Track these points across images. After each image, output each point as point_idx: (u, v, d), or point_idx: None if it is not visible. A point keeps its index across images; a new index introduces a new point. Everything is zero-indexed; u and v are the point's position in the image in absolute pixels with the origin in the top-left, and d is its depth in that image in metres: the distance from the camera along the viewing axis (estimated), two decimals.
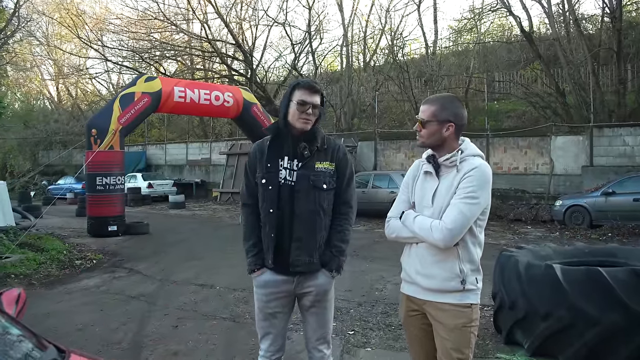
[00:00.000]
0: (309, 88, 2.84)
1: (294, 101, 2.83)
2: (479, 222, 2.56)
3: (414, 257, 2.65)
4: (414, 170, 2.79)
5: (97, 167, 13.35)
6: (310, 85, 2.86)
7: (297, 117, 2.83)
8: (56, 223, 16.77)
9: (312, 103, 2.82)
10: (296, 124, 2.84)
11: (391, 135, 21.50)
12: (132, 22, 26.34)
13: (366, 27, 28.16)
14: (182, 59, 29.32)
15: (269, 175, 2.87)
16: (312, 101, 2.82)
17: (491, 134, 18.40)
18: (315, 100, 2.84)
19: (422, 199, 2.64)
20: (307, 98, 2.82)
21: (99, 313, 6.24)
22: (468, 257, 2.55)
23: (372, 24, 29.12)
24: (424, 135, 2.63)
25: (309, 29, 26.18)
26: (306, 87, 2.84)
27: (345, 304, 6.48)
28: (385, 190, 16.20)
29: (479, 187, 2.48)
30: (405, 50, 27.14)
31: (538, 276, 4.40)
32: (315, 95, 2.84)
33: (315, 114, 2.85)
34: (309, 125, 2.84)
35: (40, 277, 8.41)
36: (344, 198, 2.95)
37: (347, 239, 2.95)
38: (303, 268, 2.85)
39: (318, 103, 2.86)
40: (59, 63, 39.69)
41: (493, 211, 15.95)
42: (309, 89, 2.84)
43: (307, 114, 2.82)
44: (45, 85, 45.11)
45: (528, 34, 19.22)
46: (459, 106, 2.65)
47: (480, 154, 2.63)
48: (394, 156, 20.98)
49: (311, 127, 2.86)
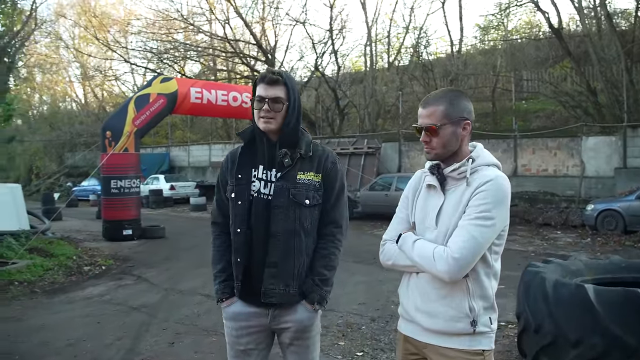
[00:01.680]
0: (266, 80, 2.37)
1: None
2: (495, 248, 2.06)
3: (413, 290, 2.16)
4: (415, 183, 2.29)
5: (111, 170, 13.10)
6: (267, 77, 2.37)
7: (257, 116, 2.38)
8: (74, 226, 16.66)
9: (269, 97, 2.34)
10: (259, 125, 2.39)
11: (415, 136, 20.82)
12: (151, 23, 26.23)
13: (390, 25, 27.58)
14: (205, 60, 29.16)
15: (238, 188, 2.43)
16: (269, 95, 2.34)
17: (519, 134, 17.71)
18: (274, 93, 2.35)
19: (424, 219, 2.15)
20: (264, 92, 2.35)
21: (95, 326, 5.88)
22: (480, 291, 2.05)
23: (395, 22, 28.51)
24: (437, 145, 2.10)
25: (330, 27, 25.71)
26: (263, 80, 2.38)
27: (358, 319, 6.02)
28: None
29: (494, 205, 1.98)
30: (430, 49, 26.56)
31: (567, 297, 3.87)
32: (274, 87, 2.36)
33: (277, 109, 2.35)
34: (271, 124, 2.36)
35: (44, 284, 8.12)
36: (332, 217, 2.47)
37: (332, 265, 2.46)
38: (277, 299, 2.38)
39: (280, 96, 2.36)
40: (84, 65, 39.94)
41: (521, 215, 15.59)
42: (266, 81, 2.37)
43: (265, 111, 2.34)
44: (72, 87, 45.51)
45: (557, 31, 18.49)
46: (468, 99, 2.17)
47: (496, 163, 2.14)
48: (419, 157, 20.34)
49: (281, 125, 2.38)
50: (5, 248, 9.66)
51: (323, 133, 25.43)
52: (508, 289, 7.09)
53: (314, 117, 26.88)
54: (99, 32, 28.09)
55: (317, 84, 27.24)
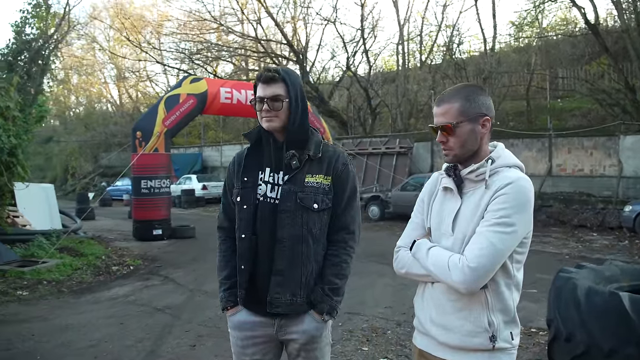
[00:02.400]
0: (262, 79, 2.27)
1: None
2: (517, 257, 1.89)
3: (428, 301, 2.02)
4: (432, 186, 2.14)
5: (141, 170, 13.18)
6: (263, 76, 2.28)
7: (259, 116, 2.29)
8: (106, 225, 16.86)
9: (267, 96, 2.25)
10: (263, 124, 2.29)
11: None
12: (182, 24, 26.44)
13: (422, 24, 27.24)
14: (237, 60, 29.29)
15: (244, 192, 2.32)
16: (267, 94, 2.25)
17: (554, 133, 17.24)
18: (273, 91, 2.25)
19: (440, 224, 2.00)
20: (262, 92, 2.26)
21: (118, 327, 5.87)
22: (500, 304, 1.88)
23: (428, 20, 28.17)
24: (455, 145, 1.95)
25: (362, 26, 25.53)
26: (261, 79, 2.28)
27: (383, 324, 5.87)
28: None
29: (515, 210, 1.82)
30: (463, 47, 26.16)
31: (601, 305, 3.67)
32: (271, 86, 2.26)
33: (277, 107, 2.25)
34: (274, 122, 2.26)
35: (72, 283, 8.18)
36: (343, 222, 2.33)
37: (344, 273, 2.32)
38: (284, 309, 2.26)
39: (279, 93, 2.26)
40: (119, 66, 40.57)
41: (556, 216, 15.20)
42: (262, 80, 2.27)
43: (265, 111, 2.25)
44: (107, 89, 46.27)
45: (594, 26, 17.95)
46: (486, 94, 2.01)
47: (518, 164, 1.98)
48: None
49: (286, 124, 2.28)
50: (37, 247, 9.80)
51: (355, 133, 25.29)
52: (541, 293, 6.87)
53: (345, 117, 26.76)
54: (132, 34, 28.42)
55: (349, 84, 27.10)
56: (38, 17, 13.97)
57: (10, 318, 6.34)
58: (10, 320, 6.22)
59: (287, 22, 26.92)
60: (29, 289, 7.68)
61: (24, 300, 7.16)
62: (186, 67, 28.59)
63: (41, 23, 13.97)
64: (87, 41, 40.00)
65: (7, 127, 9.37)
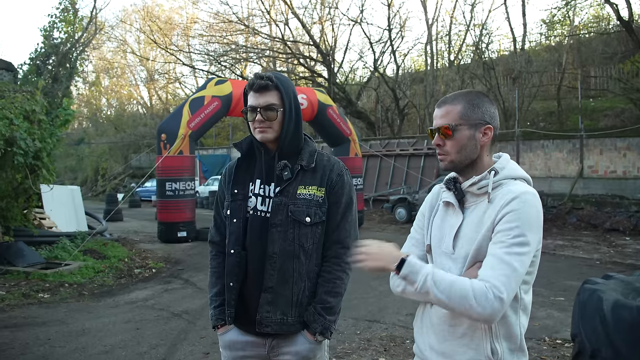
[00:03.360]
0: (255, 87, 2.16)
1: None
2: (526, 277, 1.72)
3: (427, 326, 1.86)
4: (433, 199, 1.99)
5: (166, 172, 13.20)
6: (255, 84, 2.16)
7: (252, 127, 2.18)
8: (133, 227, 16.98)
9: (260, 106, 2.14)
10: (255, 136, 2.18)
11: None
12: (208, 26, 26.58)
13: (450, 23, 26.89)
14: (266, 61, 29.33)
15: (234, 205, 2.22)
16: (261, 103, 2.14)
17: (585, 134, 16.80)
18: (266, 100, 2.14)
19: (441, 242, 1.84)
20: (254, 101, 2.15)
21: (134, 332, 5.82)
22: (505, 330, 1.72)
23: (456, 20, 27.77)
24: (452, 150, 1.81)
25: (389, 26, 25.30)
26: (252, 88, 2.17)
27: (403, 332, 5.72)
28: None
29: (528, 227, 1.65)
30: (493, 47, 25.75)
31: (628, 320, 3.45)
32: (264, 95, 2.14)
33: (271, 117, 2.14)
34: (268, 133, 2.15)
35: (93, 286, 8.19)
36: (337, 236, 2.20)
37: (338, 291, 2.18)
38: (273, 329, 2.15)
39: (273, 102, 2.14)
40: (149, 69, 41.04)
41: (587, 220, 14.78)
42: (255, 88, 2.16)
43: (259, 122, 2.14)
44: (138, 90, 46.84)
45: (627, 24, 17.44)
46: (491, 102, 1.87)
47: (524, 177, 1.82)
48: None
49: (278, 134, 2.16)
50: (61, 249, 9.86)
51: (383, 134, 25.10)
52: (568, 301, 6.65)
53: (373, 118, 26.58)
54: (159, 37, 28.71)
55: (376, 84, 26.91)
56: (66, 21, 14.11)
57: (29, 321, 6.35)
58: (30, 324, 6.23)
59: (314, 23, 26.84)
60: (50, 291, 7.71)
61: (45, 303, 7.18)
62: (214, 69, 28.74)
63: (69, 27, 14.11)
64: (118, 44, 40.62)
65: (33, 131, 9.45)
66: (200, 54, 28.19)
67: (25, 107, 9.61)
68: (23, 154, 8.80)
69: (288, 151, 2.20)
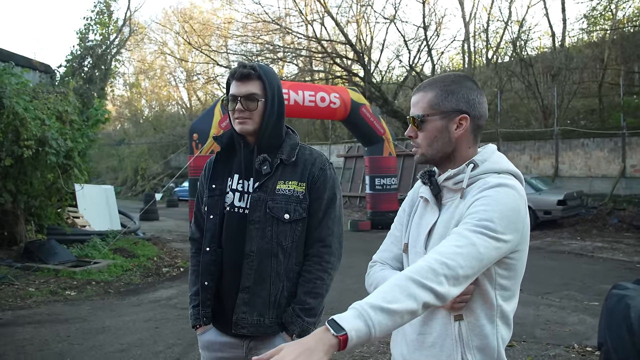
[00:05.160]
0: (236, 76, 2.06)
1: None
2: (502, 282, 1.51)
3: (400, 335, 1.70)
4: (414, 194, 1.81)
5: (198, 172, 13.18)
6: (238, 72, 2.06)
7: (232, 117, 2.08)
8: (168, 226, 17.16)
9: (241, 95, 2.04)
10: (235, 127, 2.09)
11: (514, 136, 19.76)
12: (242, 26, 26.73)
13: (488, 20, 26.35)
14: (302, 61, 29.34)
15: (211, 201, 2.14)
16: (242, 92, 2.04)
17: (628, 132, 16.17)
18: (248, 89, 2.04)
19: (416, 241, 1.67)
20: (236, 90, 2.05)
21: (152, 332, 5.81)
22: (480, 341, 1.52)
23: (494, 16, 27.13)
24: (423, 143, 1.64)
25: (424, 24, 24.97)
26: (234, 77, 2.07)
27: None
28: None
29: (499, 215, 1.42)
30: (531, 44, 25.11)
31: None
32: (246, 84, 2.04)
33: (251, 107, 2.03)
34: (247, 124, 2.05)
35: (120, 285, 8.26)
36: (319, 234, 2.08)
37: (318, 292, 2.06)
38: (249, 330, 2.06)
39: (254, 92, 2.04)
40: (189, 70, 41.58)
41: (629, 221, 14.23)
42: (237, 77, 2.06)
43: (239, 111, 2.04)
44: (178, 91, 47.53)
45: None
46: (472, 87, 1.64)
47: (511, 171, 1.59)
48: (518, 158, 19.19)
49: (258, 126, 2.06)
50: (91, 248, 9.99)
51: None
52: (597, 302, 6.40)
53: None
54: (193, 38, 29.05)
55: (413, 83, 26.60)
56: (101, 23, 14.37)
57: (53, 318, 6.42)
58: (53, 320, 6.30)
59: (349, 22, 26.70)
60: (77, 289, 7.80)
61: (70, 301, 7.26)
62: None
63: (103, 29, 14.36)
64: (158, 46, 41.32)
65: (64, 131, 9.61)
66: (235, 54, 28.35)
67: (58, 108, 9.79)
68: (55, 153, 8.94)
69: (268, 145, 2.10)
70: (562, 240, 12.51)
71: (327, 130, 30.34)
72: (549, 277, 8.34)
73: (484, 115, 1.66)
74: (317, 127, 32.36)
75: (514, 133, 19.93)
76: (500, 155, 1.65)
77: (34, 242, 9.47)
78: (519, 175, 1.61)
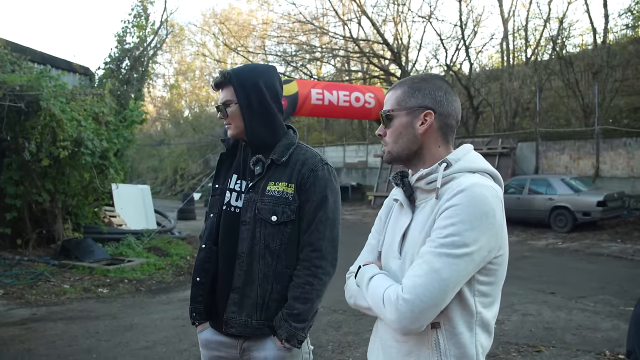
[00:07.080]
0: (213, 86, 2.16)
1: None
2: (481, 288, 1.46)
3: (377, 342, 1.65)
4: (389, 201, 1.77)
5: None
6: (213, 81, 2.15)
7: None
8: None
9: (220, 103, 2.12)
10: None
11: (554, 135, 19.30)
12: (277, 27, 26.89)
13: (527, 17, 25.84)
14: (340, 61, 29.34)
15: (213, 199, 2.20)
16: (221, 100, 2.12)
17: None
18: (223, 96, 2.11)
19: (391, 246, 1.62)
20: (220, 99, 2.13)
21: (179, 330, 5.87)
22: (457, 349, 1.45)
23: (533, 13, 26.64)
24: (389, 140, 1.62)
25: (461, 22, 24.64)
26: (213, 87, 2.16)
27: None
28: (543, 197, 14.36)
29: (468, 226, 1.38)
30: (572, 41, 24.51)
31: None
32: (223, 91, 2.12)
33: (228, 113, 2.10)
34: (231, 129, 2.12)
35: (151, 283, 8.40)
36: (309, 238, 2.03)
37: (307, 297, 2.01)
38: (238, 330, 2.05)
39: (227, 98, 2.10)
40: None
41: None
42: (213, 86, 2.15)
43: (223, 119, 2.14)
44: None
45: None
46: (441, 86, 1.62)
47: (486, 170, 1.55)
48: (557, 158, 18.76)
49: (242, 128, 2.09)
50: (126, 246, 10.19)
51: (457, 133, 24.25)
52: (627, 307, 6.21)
53: None
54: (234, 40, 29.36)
55: (451, 82, 26.24)
56: (138, 26, 14.63)
57: (84, 314, 6.57)
58: (84, 317, 6.44)
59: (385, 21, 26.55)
60: (110, 286, 7.96)
61: (102, 298, 7.41)
62: (290, 69, 29.01)
63: (141, 31, 14.62)
64: (198, 48, 41.90)
65: (100, 132, 9.82)
66: (272, 55, 28.53)
67: (94, 109, 10.00)
68: (90, 153, 9.13)
69: (257, 145, 2.11)
70: (601, 243, 12.16)
71: (365, 130, 30.27)
72: (584, 280, 8.13)
73: (454, 114, 1.63)
74: (355, 127, 32.29)
75: (553, 132, 19.48)
76: (475, 154, 1.60)
77: (71, 240, 9.72)
78: (496, 175, 1.57)
